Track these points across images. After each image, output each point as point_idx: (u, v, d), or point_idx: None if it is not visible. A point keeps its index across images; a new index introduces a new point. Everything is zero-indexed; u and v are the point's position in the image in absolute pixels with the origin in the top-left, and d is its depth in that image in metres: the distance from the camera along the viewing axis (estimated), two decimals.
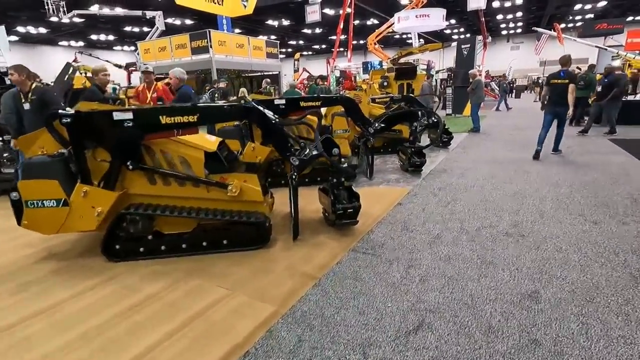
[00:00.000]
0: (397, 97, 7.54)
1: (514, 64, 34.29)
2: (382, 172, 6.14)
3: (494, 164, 6.45)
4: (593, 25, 28.33)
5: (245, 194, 3.34)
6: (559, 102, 6.40)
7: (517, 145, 8.07)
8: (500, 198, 4.61)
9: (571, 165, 6.17)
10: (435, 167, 6.37)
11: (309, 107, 5.09)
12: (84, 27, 27.64)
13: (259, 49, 15.35)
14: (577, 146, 7.73)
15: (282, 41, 39.06)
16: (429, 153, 7.45)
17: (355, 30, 31.70)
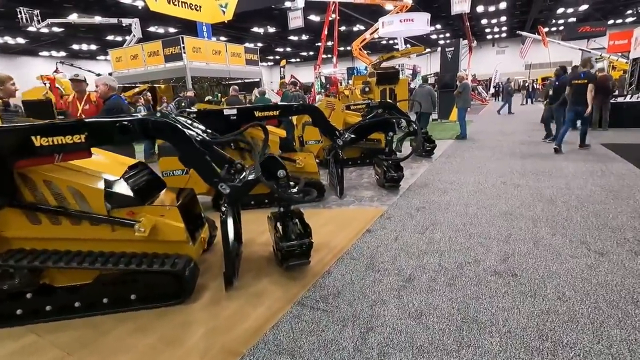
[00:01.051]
0: (374, 103, 6.83)
1: (499, 68, 34.00)
2: (355, 188, 5.39)
3: (480, 175, 5.74)
4: (576, 28, 28.13)
5: (161, 233, 2.56)
6: (580, 101, 6.83)
7: (504, 153, 7.39)
8: (487, 220, 3.88)
9: (564, 176, 5.48)
10: (416, 180, 5.64)
11: (265, 118, 4.35)
12: (64, 37, 26.72)
13: (238, 55, 14.61)
14: (570, 153, 7.07)
15: (269, 48, 38.54)
16: (411, 164, 6.74)
17: (342, 36, 31.19)
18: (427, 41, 33.37)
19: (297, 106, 4.59)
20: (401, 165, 5.21)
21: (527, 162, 6.45)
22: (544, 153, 7.19)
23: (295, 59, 45.49)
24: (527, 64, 33.26)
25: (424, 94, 9.75)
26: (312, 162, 4.76)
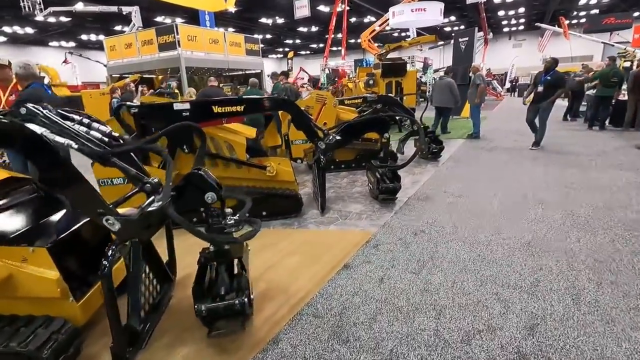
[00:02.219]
0: (372, 97, 5.81)
1: (516, 62, 32.22)
2: (343, 199, 4.44)
3: (495, 186, 4.72)
4: (600, 20, 26.26)
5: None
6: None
7: (523, 157, 6.30)
8: (504, 254, 2.90)
9: (599, 189, 4.41)
10: (417, 191, 4.64)
11: (226, 114, 3.43)
12: (72, 27, 26.16)
13: (237, 45, 13.63)
14: (599, 157, 5.95)
15: (277, 40, 37.42)
16: (413, 168, 5.74)
17: (352, 27, 29.92)
18: (441, 34, 31.72)
19: (266, 101, 3.63)
20: (398, 174, 4.23)
21: (550, 170, 5.37)
22: (570, 159, 6.09)
23: (305, 51, 44.24)
24: (545, 58, 31.41)
25: (442, 86, 8.73)
26: (287, 168, 3.82)
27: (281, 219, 3.77)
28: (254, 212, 3.38)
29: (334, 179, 5.35)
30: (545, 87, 6.48)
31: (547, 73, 6.56)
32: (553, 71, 6.53)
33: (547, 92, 6.50)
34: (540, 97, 6.61)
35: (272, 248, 3.14)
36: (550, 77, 6.50)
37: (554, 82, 6.46)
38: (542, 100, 6.59)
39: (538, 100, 6.66)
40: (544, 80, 6.52)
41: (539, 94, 6.60)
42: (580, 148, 6.80)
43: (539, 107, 6.68)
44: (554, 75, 6.53)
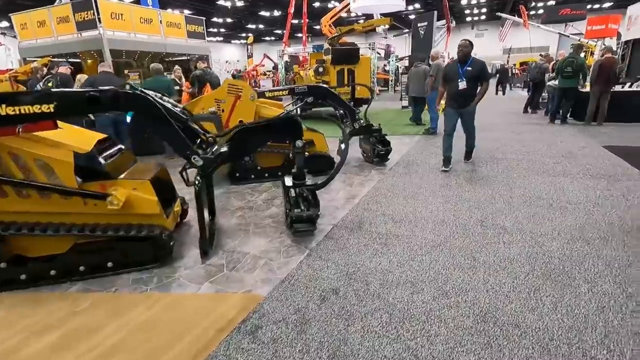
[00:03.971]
0: (302, 88, 4.55)
1: (478, 51, 31.84)
2: (246, 229, 3.23)
3: (446, 205, 3.67)
4: (557, 11, 26.16)
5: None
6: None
7: (482, 160, 5.33)
8: (452, 333, 1.81)
9: (571, 207, 3.46)
10: (347, 214, 3.50)
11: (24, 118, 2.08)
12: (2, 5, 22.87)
13: (176, 26, 11.85)
14: (567, 161, 5.07)
15: (239, 25, 35.07)
16: (354, 177, 4.61)
17: (316, 13, 28.35)
18: (407, 22, 30.73)
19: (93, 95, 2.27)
20: (315, 195, 3.06)
21: (513, 179, 4.41)
22: (535, 163, 5.17)
23: (269, 37, 42.01)
24: (505, 48, 31.29)
25: (419, 75, 7.72)
26: (147, 196, 2.53)
27: (135, 271, 2.50)
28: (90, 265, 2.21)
29: (249, 195, 4.12)
30: (469, 82, 4.46)
31: (465, 62, 4.47)
32: (472, 59, 4.49)
33: (471, 87, 4.51)
34: (463, 97, 4.52)
35: (86, 340, 1.89)
36: (471, 67, 4.44)
37: (477, 74, 4.45)
38: (467, 100, 4.52)
39: (461, 103, 4.56)
40: (465, 72, 4.44)
41: (460, 93, 4.50)
42: (545, 147, 5.92)
43: (464, 111, 4.61)
44: (475, 64, 4.48)
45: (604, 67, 7.19)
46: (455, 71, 4.55)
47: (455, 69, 4.54)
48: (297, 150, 2.93)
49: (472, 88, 4.53)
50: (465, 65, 4.48)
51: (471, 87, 4.51)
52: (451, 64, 4.81)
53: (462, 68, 4.48)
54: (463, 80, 4.46)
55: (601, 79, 7.27)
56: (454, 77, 4.54)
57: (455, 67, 4.58)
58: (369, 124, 5.01)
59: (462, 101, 4.58)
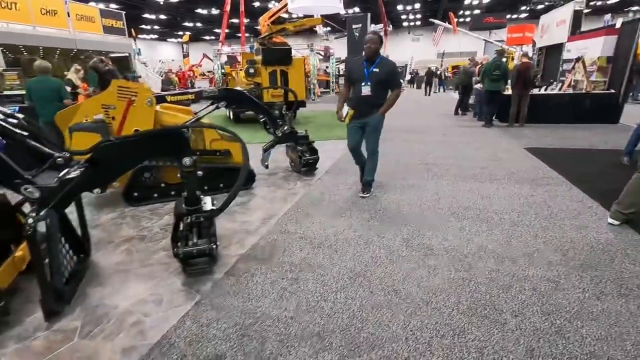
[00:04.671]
0: (211, 92, 3.93)
1: (415, 55, 33.24)
2: (129, 268, 2.56)
3: (373, 217, 3.31)
4: (481, 18, 28.10)
5: None
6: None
7: (412, 167, 5.13)
8: None
9: (497, 217, 3.28)
10: (259, 241, 2.97)
11: None
12: None
13: (89, 19, 10.47)
14: (491, 162, 5.04)
15: (174, 22, 32.93)
16: (277, 190, 4.10)
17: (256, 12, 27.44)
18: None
19: None
20: (213, 224, 2.49)
21: (442, 187, 4.21)
22: (463, 168, 5.07)
23: (209, 36, 40.09)
24: (439, 52, 32.94)
25: None
26: None
27: None
28: None
29: (146, 219, 3.41)
30: (375, 87, 3.52)
31: (373, 61, 3.50)
32: (380, 59, 3.53)
33: (378, 94, 3.56)
34: (366, 104, 3.58)
35: None
36: (379, 69, 3.49)
37: (386, 77, 3.53)
38: (370, 109, 3.58)
39: (363, 111, 3.62)
40: (371, 74, 3.50)
41: (364, 99, 3.57)
42: (473, 150, 5.91)
43: (367, 123, 3.63)
44: (384, 65, 3.51)
45: (521, 71, 7.48)
46: (360, 71, 3.56)
47: (360, 68, 3.56)
48: (186, 169, 2.34)
49: (378, 95, 3.55)
50: (372, 65, 3.49)
51: (377, 93, 3.54)
52: (356, 60, 3.79)
53: (369, 68, 3.51)
54: (367, 84, 3.51)
55: (520, 83, 7.56)
56: (357, 78, 3.58)
57: (360, 66, 3.57)
58: (293, 130, 4.53)
59: (364, 110, 3.60)
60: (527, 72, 7.46)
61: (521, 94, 7.70)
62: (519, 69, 7.60)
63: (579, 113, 8.05)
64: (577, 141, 6.38)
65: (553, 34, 10.97)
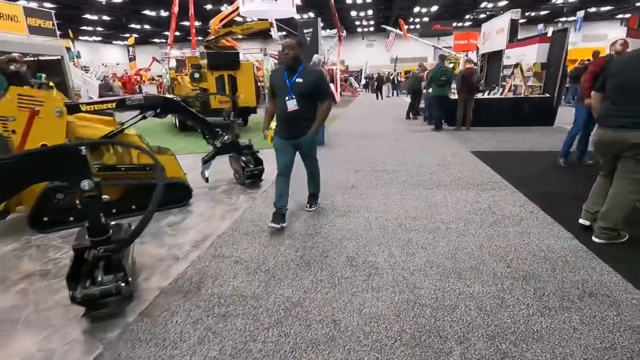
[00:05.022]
0: (136, 100, 3.45)
1: (369, 60, 33.92)
2: (14, 318, 2.10)
3: (317, 233, 3.07)
4: (430, 26, 29.35)
5: None
6: None
7: (363, 173, 4.99)
8: None
9: (445, 228, 3.19)
10: (187, 268, 2.62)
11: None
12: None
13: (12, 18, 9.36)
14: (440, 168, 5.05)
15: (120, 24, 30.98)
16: (217, 205, 3.74)
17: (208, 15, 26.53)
18: None
19: None
20: (120, 261, 2.11)
21: (391, 195, 4.09)
22: (411, 174, 5.02)
23: (159, 39, 38.20)
24: (393, 57, 33.89)
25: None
26: None
27: None
28: None
29: (54, 249, 2.91)
30: (301, 100, 3.01)
31: (295, 70, 3.00)
32: (303, 67, 3.03)
33: (306, 108, 3.05)
34: (294, 122, 3.07)
35: None
36: (302, 79, 2.97)
37: (312, 89, 3.01)
38: (300, 127, 3.09)
39: (292, 130, 3.11)
40: (294, 85, 2.98)
41: (290, 116, 3.05)
42: (422, 155, 5.92)
43: (299, 144, 3.16)
44: (308, 73, 3.02)
45: (466, 76, 7.70)
46: (281, 83, 3.04)
47: (282, 80, 3.03)
48: (86, 194, 1.95)
49: (306, 109, 3.06)
50: (295, 74, 2.99)
51: (305, 107, 3.04)
52: (276, 70, 3.30)
53: (290, 79, 2.99)
54: (292, 98, 2.99)
55: (465, 88, 7.78)
56: (280, 91, 3.07)
57: (281, 77, 3.04)
58: (234, 140, 4.19)
59: (293, 128, 3.07)
60: (471, 77, 7.70)
61: (466, 98, 7.93)
62: (463, 74, 7.82)
63: (518, 116, 8.45)
64: (518, 143, 6.64)
65: (494, 41, 11.54)
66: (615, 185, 2.68)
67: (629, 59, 2.61)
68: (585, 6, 26.93)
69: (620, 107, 2.55)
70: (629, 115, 2.49)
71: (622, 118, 2.52)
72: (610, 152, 2.65)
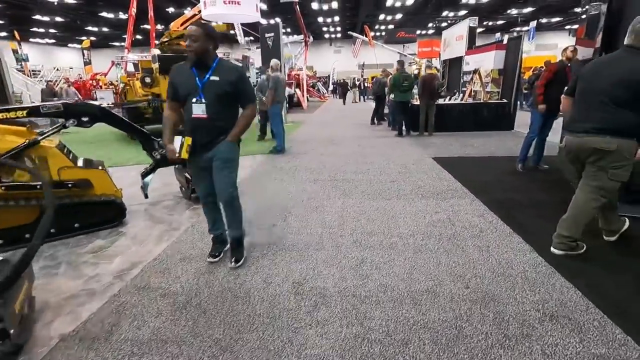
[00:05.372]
0: (52, 106, 2.98)
1: (337, 66, 34.06)
2: None
3: (263, 255, 2.75)
4: (395, 33, 29.96)
5: None
6: None
7: (322, 183, 4.72)
8: None
9: (402, 244, 2.96)
10: (104, 305, 2.20)
11: None
12: None
13: None
14: (399, 176, 4.88)
15: (75, 26, 29.20)
16: (156, 225, 3.31)
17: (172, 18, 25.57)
18: None
19: None
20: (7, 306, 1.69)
21: (349, 204, 3.84)
22: (373, 183, 4.82)
23: (119, 42, 36.41)
24: (359, 63, 34.24)
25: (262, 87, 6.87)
26: None
27: None
28: None
29: None
30: (215, 104, 2.33)
31: (207, 67, 2.32)
32: (218, 62, 2.37)
33: (221, 114, 2.37)
34: (204, 130, 2.36)
35: None
36: (219, 77, 2.32)
37: (230, 89, 2.35)
38: (210, 138, 2.39)
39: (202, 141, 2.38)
40: (206, 84, 2.31)
41: (198, 123, 2.34)
42: (384, 162, 5.75)
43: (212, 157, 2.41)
44: (224, 69, 2.36)
45: (427, 82, 7.68)
46: (189, 81, 2.31)
47: (190, 78, 2.31)
48: None
49: (221, 116, 2.35)
50: (208, 72, 2.30)
51: (220, 113, 2.33)
52: (181, 66, 2.40)
53: (202, 78, 2.29)
54: (201, 101, 2.27)
55: (426, 93, 7.76)
56: (187, 91, 2.33)
57: (188, 75, 2.32)
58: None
59: (204, 139, 2.35)
60: (432, 82, 7.69)
61: (428, 103, 7.91)
62: (425, 80, 7.80)
63: (479, 121, 8.56)
64: (478, 149, 6.65)
65: (454, 48, 11.75)
66: (578, 192, 2.56)
67: (593, 65, 2.52)
68: (537, 17, 28.56)
69: (584, 112, 2.47)
70: (590, 121, 2.40)
71: (585, 123, 2.43)
72: (578, 158, 2.54)
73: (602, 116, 2.35)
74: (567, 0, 23.05)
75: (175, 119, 2.48)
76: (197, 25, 2.28)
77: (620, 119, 2.28)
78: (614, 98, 2.29)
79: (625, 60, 2.30)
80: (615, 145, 2.29)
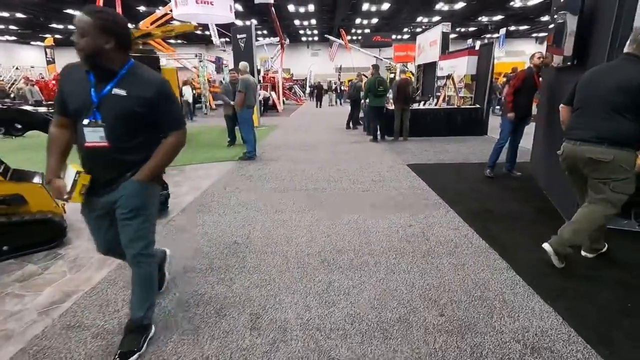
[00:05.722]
0: None
1: (314, 69, 33.93)
2: None
3: (221, 281, 2.45)
4: (371, 37, 30.14)
5: None
6: None
7: (291, 194, 4.45)
8: None
9: (374, 261, 2.74)
10: (17, 354, 1.84)
11: None
12: None
13: None
14: (372, 186, 4.68)
15: (38, 23, 27.59)
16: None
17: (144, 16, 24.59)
18: None
19: None
20: None
21: (319, 218, 3.59)
22: (347, 193, 4.60)
23: None
24: (337, 66, 34.25)
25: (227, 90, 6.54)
26: None
27: None
28: None
29: None
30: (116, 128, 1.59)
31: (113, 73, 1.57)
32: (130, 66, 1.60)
33: (126, 143, 1.62)
34: (101, 163, 1.65)
35: None
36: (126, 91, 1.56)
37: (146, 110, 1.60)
38: (119, 173, 1.66)
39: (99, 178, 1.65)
40: (104, 99, 1.56)
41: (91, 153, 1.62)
42: (358, 169, 5.55)
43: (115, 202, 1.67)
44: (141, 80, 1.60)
45: (401, 87, 7.58)
46: (82, 93, 1.58)
47: (84, 88, 1.57)
48: None
49: (126, 144, 1.63)
50: (110, 81, 1.57)
51: (124, 141, 1.62)
52: (71, 69, 1.65)
53: (100, 91, 1.56)
54: (98, 124, 1.57)
55: (401, 98, 7.65)
56: (77, 107, 1.59)
57: (82, 83, 1.58)
58: None
59: (101, 175, 1.66)
60: (407, 87, 7.59)
61: (403, 108, 7.80)
62: (399, 85, 7.70)
63: (453, 126, 8.54)
64: (452, 155, 6.57)
65: (428, 53, 11.79)
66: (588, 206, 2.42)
67: (592, 74, 2.42)
68: (506, 24, 29.52)
69: (583, 121, 2.38)
70: (589, 129, 2.31)
71: (584, 131, 2.34)
72: (573, 166, 2.43)
73: (602, 125, 2.27)
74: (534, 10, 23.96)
75: (67, 138, 1.69)
76: (87, 12, 1.48)
77: (621, 129, 2.20)
78: (614, 105, 2.21)
79: (625, 67, 2.23)
80: (612, 156, 2.20)
